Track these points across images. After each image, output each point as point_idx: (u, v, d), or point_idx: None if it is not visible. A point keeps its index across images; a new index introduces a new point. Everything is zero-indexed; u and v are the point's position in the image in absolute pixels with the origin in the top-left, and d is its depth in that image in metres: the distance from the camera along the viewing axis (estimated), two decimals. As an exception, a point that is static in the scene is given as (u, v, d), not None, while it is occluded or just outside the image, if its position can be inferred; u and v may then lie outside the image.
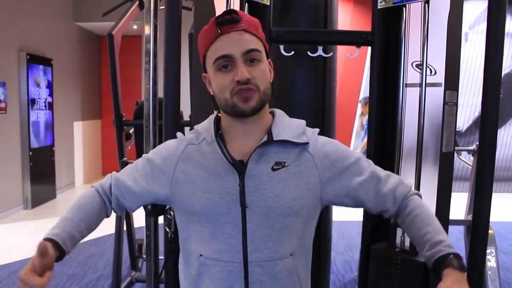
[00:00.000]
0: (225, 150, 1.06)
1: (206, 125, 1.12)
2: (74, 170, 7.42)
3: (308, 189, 1.06)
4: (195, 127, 1.16)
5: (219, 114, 1.12)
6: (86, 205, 1.15)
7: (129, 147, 3.15)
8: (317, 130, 1.17)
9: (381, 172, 1.15)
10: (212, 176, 1.05)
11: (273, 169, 1.04)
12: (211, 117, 1.13)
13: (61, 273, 3.76)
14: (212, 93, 1.08)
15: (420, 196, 1.16)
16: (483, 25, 6.93)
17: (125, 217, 3.15)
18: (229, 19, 1.01)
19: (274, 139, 1.05)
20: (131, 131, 3.15)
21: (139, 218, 3.75)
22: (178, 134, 1.19)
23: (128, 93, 6.61)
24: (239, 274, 1.02)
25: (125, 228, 3.24)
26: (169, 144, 1.15)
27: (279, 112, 1.15)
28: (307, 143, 1.09)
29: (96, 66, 8.23)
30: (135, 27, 6.93)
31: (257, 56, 1.02)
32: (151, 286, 1.56)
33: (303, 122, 1.15)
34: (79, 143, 7.55)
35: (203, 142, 1.10)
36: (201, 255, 1.06)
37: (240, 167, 1.04)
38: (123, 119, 2.89)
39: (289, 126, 1.10)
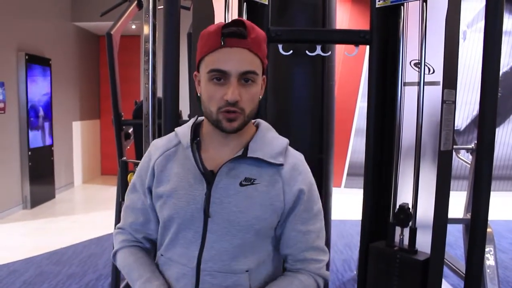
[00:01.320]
0: (199, 158, 1.06)
1: (185, 130, 1.11)
2: (73, 170, 7.42)
3: (272, 211, 1.04)
4: (176, 129, 1.16)
5: (199, 118, 1.14)
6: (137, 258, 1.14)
7: (128, 147, 3.15)
8: (301, 155, 1.13)
9: (314, 241, 1.11)
10: (182, 182, 1.05)
11: (241, 184, 1.03)
12: (190, 122, 1.13)
13: (61, 272, 3.76)
14: (199, 94, 1.06)
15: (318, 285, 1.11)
16: (481, 24, 6.94)
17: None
18: (236, 33, 0.98)
19: (248, 155, 1.03)
20: (130, 130, 3.15)
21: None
22: (153, 142, 1.18)
23: (127, 93, 6.61)
24: (191, 280, 1.04)
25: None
26: (142, 160, 1.16)
27: (263, 126, 1.12)
28: (282, 164, 1.05)
29: (94, 66, 8.23)
30: (133, 26, 6.93)
31: (252, 78, 0.99)
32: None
33: (286, 142, 1.11)
34: (78, 143, 7.55)
35: (179, 146, 1.11)
36: (161, 255, 1.10)
37: (209, 176, 1.04)
38: (122, 118, 2.89)
39: (269, 143, 1.07)
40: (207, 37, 1.01)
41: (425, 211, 2.10)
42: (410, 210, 2.12)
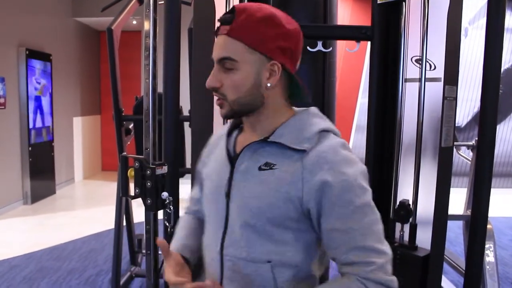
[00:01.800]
0: (233, 143, 1.07)
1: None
2: (73, 166, 7.42)
3: (287, 199, 0.95)
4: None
5: None
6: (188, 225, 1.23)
7: (129, 142, 3.15)
8: (342, 142, 1.00)
9: (359, 241, 0.95)
10: (217, 166, 1.07)
11: (260, 169, 0.98)
12: None
13: (61, 268, 3.77)
14: None
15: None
16: (483, 21, 6.92)
17: (124, 212, 3.16)
18: (223, 19, 0.98)
19: (270, 139, 0.99)
20: (131, 126, 3.15)
21: (138, 213, 3.76)
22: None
23: (127, 88, 6.60)
24: (217, 264, 1.02)
25: (124, 223, 3.25)
26: (211, 138, 1.23)
27: (305, 111, 1.05)
28: (305, 150, 0.96)
29: (95, 62, 8.22)
30: (134, 22, 6.92)
31: (229, 65, 0.96)
32: (151, 281, 1.56)
33: (321, 127, 1.01)
34: (78, 138, 7.55)
35: (224, 134, 1.13)
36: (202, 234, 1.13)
37: (233, 159, 1.03)
38: (123, 114, 2.89)
39: (301, 129, 1.00)
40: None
41: (426, 207, 2.10)
42: (411, 206, 2.11)
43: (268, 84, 0.98)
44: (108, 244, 4.42)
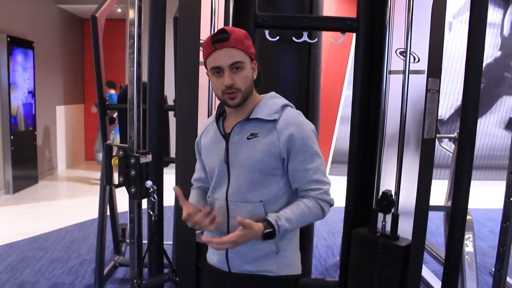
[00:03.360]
0: (222, 126, 1.48)
1: (217, 110, 1.51)
2: (56, 155, 7.34)
3: (270, 155, 1.39)
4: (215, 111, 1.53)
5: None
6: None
7: (112, 131, 3.12)
8: (297, 112, 1.47)
9: (313, 176, 1.43)
10: (213, 143, 1.47)
11: (247, 138, 1.41)
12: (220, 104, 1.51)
13: (44, 257, 3.74)
14: None
15: (323, 206, 1.43)
16: (467, 15, 6.99)
17: (108, 201, 3.14)
18: (220, 38, 1.35)
19: (251, 117, 1.42)
20: (115, 115, 3.12)
21: (122, 202, 3.75)
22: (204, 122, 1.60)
23: (112, 77, 6.54)
24: (224, 209, 1.43)
25: (108, 212, 3.23)
26: (204, 123, 1.59)
27: (268, 95, 1.50)
28: (275, 120, 1.41)
29: (79, 50, 8.11)
30: (119, 10, 6.83)
31: (239, 66, 1.37)
32: (135, 270, 1.56)
33: (282, 103, 1.46)
34: (61, 127, 7.47)
35: (214, 121, 1.51)
36: (208, 196, 1.51)
37: (227, 137, 1.44)
38: (107, 103, 2.86)
39: (268, 106, 1.44)
40: (204, 46, 1.41)
41: (408, 198, 2.14)
42: (393, 197, 2.15)
43: (254, 77, 1.43)
44: (91, 233, 4.39)
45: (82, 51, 8.19)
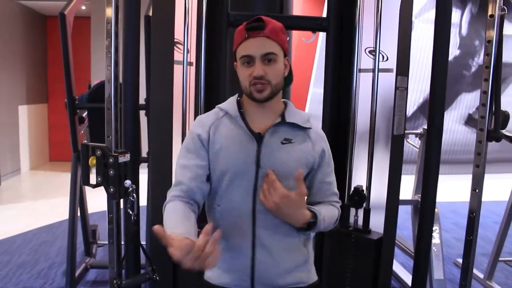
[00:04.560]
0: (244, 123, 1.34)
1: (230, 104, 1.39)
2: (19, 156, 7.12)
3: (304, 163, 1.34)
4: (218, 106, 1.41)
5: (238, 98, 1.41)
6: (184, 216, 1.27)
7: (82, 131, 3.07)
8: (319, 124, 1.48)
9: (334, 189, 1.46)
10: (233, 141, 1.33)
11: (282, 143, 1.33)
12: (232, 99, 1.41)
13: (11, 262, 3.64)
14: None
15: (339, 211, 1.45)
16: (428, 14, 7.21)
17: (79, 203, 3.09)
18: (255, 26, 1.28)
19: (287, 121, 1.34)
20: (84, 114, 3.07)
21: (91, 204, 3.69)
22: (198, 118, 1.43)
23: (76, 76, 6.37)
24: (249, 219, 1.30)
25: (78, 214, 3.18)
26: (202, 116, 1.42)
27: (290, 103, 1.43)
28: (310, 128, 1.37)
29: (41, 48, 7.88)
30: (83, 7, 6.68)
31: (272, 58, 1.28)
32: (114, 270, 1.56)
33: (309, 113, 1.42)
34: (24, 127, 7.25)
35: (224, 117, 1.37)
36: (218, 205, 1.34)
37: (258, 137, 1.32)
38: (76, 102, 2.81)
39: (298, 113, 1.39)
40: (236, 34, 1.33)
41: (378, 193, 2.20)
42: (364, 192, 2.21)
43: (285, 74, 1.35)
44: (60, 236, 4.30)
45: (45, 49, 7.97)
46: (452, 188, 5.97)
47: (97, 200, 3.82)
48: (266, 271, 1.30)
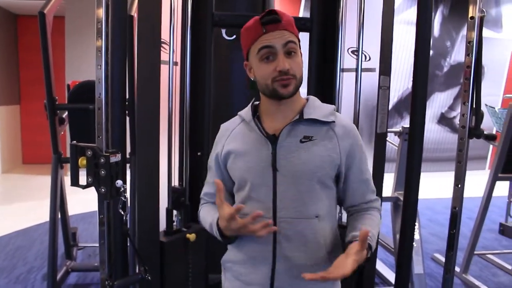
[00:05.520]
0: (261, 127, 1.27)
1: (246, 110, 1.34)
2: (-10, 159, 6.95)
3: (330, 161, 1.23)
4: (238, 113, 1.36)
5: (255, 103, 1.35)
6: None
7: (62, 132, 3.02)
8: (346, 117, 1.34)
9: (371, 185, 1.33)
10: (251, 148, 1.26)
11: (301, 141, 1.23)
12: (250, 104, 1.35)
13: (-14, 267, 3.55)
14: (252, 78, 1.28)
15: (379, 212, 1.35)
16: (403, 15, 7.36)
17: (60, 205, 3.04)
18: (272, 19, 1.20)
19: (305, 117, 1.24)
20: (65, 115, 3.02)
21: (70, 206, 3.63)
22: (222, 126, 1.40)
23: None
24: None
25: (59, 216, 3.12)
26: (225, 124, 1.39)
27: (312, 98, 1.33)
28: (333, 121, 1.26)
29: (12, 48, 7.68)
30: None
31: (294, 48, 1.20)
32: (106, 272, 1.55)
33: (333, 106, 1.31)
34: (-5, 130, 7.07)
35: (242, 123, 1.33)
36: (244, 214, 1.23)
37: (272, 139, 1.24)
38: (57, 103, 2.77)
39: (320, 107, 1.28)
40: (249, 30, 1.24)
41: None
42: (349, 189, 2.24)
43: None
44: (37, 239, 4.21)
45: (16, 49, 7.77)
46: (427, 186, 6.11)
47: (75, 202, 3.75)
48: (286, 284, 1.22)
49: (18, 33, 7.78)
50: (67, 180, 2.14)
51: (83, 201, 4.36)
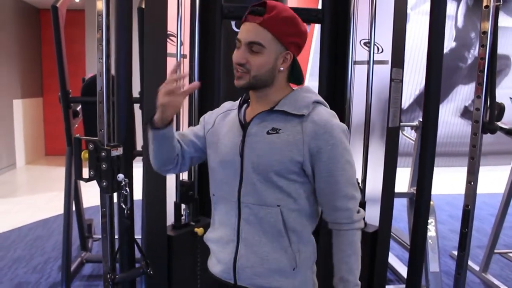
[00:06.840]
0: (243, 113, 1.32)
1: (244, 96, 1.37)
2: (15, 151, 7.09)
3: (290, 157, 1.21)
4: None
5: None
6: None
7: (77, 125, 3.05)
8: (331, 112, 1.27)
9: (348, 189, 1.25)
10: (229, 132, 1.31)
11: (268, 133, 1.23)
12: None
13: (6, 256, 3.63)
14: None
15: (359, 228, 1.29)
16: (424, 6, 7.19)
17: (74, 197, 3.07)
18: (254, 11, 1.20)
19: (275, 108, 1.25)
20: (78, 108, 3.05)
21: (87, 198, 3.68)
22: (224, 103, 1.45)
23: (70, 69, 6.31)
24: (235, 210, 1.26)
25: (73, 208, 3.16)
26: (225, 104, 1.43)
27: (301, 88, 1.32)
28: (303, 115, 1.22)
29: (36, 41, 7.82)
30: (77, 0, 6.63)
31: (256, 49, 1.19)
32: (108, 265, 1.55)
33: (314, 99, 1.27)
34: (19, 122, 7.21)
35: (235, 108, 1.37)
36: (213, 194, 1.34)
37: (245, 126, 1.27)
38: (70, 96, 2.79)
39: (298, 100, 1.26)
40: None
41: (374, 185, 2.20)
42: (360, 185, 2.20)
43: (281, 68, 1.25)
44: (55, 230, 4.29)
45: (39, 42, 7.91)
46: (448, 181, 5.98)
47: (92, 194, 3.80)
48: (247, 266, 1.25)
49: (41, 26, 7.91)
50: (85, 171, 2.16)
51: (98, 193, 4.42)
